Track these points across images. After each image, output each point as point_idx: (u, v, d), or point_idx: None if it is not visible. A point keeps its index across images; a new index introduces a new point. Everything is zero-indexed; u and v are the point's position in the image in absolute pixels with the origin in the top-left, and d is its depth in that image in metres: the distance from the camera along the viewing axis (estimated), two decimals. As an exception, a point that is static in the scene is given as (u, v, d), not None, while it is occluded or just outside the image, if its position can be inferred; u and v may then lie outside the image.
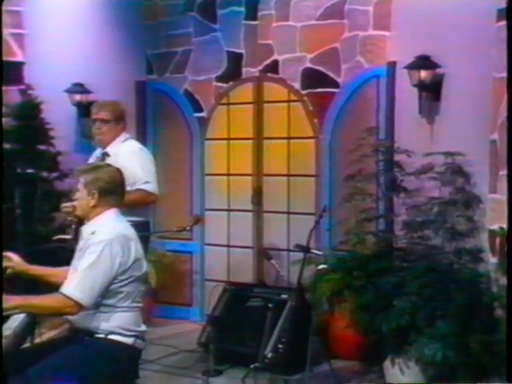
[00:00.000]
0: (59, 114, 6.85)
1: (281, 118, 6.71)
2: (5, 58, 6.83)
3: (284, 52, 6.67)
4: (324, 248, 6.14)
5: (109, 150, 5.06)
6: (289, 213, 6.70)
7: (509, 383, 3.28)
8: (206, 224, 6.95)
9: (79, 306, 3.38)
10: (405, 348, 5.04)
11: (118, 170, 3.80)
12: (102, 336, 3.48)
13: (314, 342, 5.08)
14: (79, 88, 6.97)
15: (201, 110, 7.15)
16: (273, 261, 5.57)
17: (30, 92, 6.69)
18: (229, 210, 6.95)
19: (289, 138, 6.69)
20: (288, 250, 6.54)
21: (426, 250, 5.40)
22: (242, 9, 6.85)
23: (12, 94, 6.83)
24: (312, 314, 5.30)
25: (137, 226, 4.16)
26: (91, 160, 5.15)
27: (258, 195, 6.82)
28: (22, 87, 6.79)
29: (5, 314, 3.42)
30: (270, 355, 4.99)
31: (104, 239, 3.49)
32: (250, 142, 6.87)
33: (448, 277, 4.99)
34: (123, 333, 3.51)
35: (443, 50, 5.58)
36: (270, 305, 5.42)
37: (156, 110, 7.32)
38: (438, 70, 5.65)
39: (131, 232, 3.69)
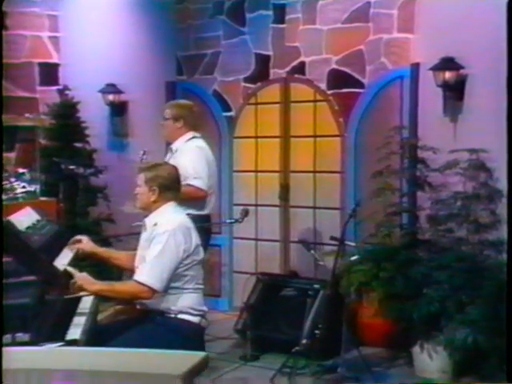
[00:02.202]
0: (93, 114, 7.18)
1: (307, 117, 6.98)
2: (41, 60, 7.20)
3: (311, 54, 6.93)
4: (349, 240, 6.41)
5: (173, 146, 5.45)
6: (315, 208, 6.98)
7: (509, 383, 3.33)
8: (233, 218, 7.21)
9: (153, 291, 3.72)
10: (434, 334, 5.35)
11: (175, 168, 4.18)
12: (172, 315, 3.80)
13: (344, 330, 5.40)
14: (112, 88, 7.29)
15: (229, 110, 7.44)
16: (312, 251, 5.85)
17: (66, 92, 7.00)
18: (256, 205, 7.23)
19: (315, 137, 6.96)
20: (314, 243, 6.81)
21: (451, 241, 5.69)
22: (270, 12, 7.13)
23: (49, 94, 7.16)
24: (345, 303, 5.60)
25: (199, 217, 4.52)
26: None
27: (285, 191, 7.11)
28: (59, 88, 7.11)
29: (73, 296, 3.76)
30: (306, 341, 5.25)
31: (167, 230, 3.83)
32: (277, 140, 7.15)
33: (476, 266, 5.29)
34: (191, 312, 3.84)
35: (466, 52, 5.83)
36: (310, 292, 5.69)
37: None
38: (461, 71, 5.93)
39: (189, 221, 4.04)
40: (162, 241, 3.80)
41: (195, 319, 3.86)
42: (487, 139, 5.60)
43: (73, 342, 3.16)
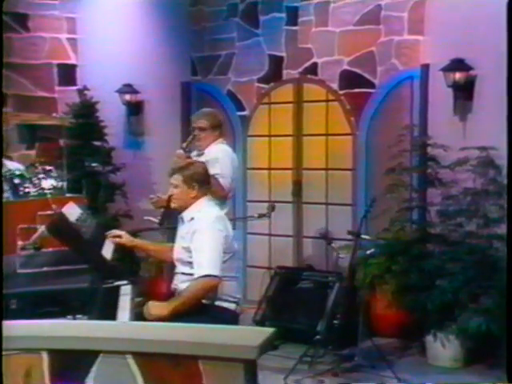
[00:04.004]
0: (110, 113, 7.37)
1: (319, 117, 7.20)
2: (60, 61, 7.39)
3: (323, 55, 7.15)
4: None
5: (205, 150, 5.56)
6: (327, 204, 7.21)
7: (509, 383, 3.38)
8: (247, 214, 7.42)
9: (219, 279, 3.96)
10: (446, 323, 5.60)
11: (204, 164, 4.42)
12: (209, 303, 4.02)
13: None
14: (129, 88, 7.50)
15: (243, 109, 7.67)
16: (333, 245, 6.08)
17: (85, 92, 7.21)
18: (269, 202, 7.38)
19: (327, 135, 7.18)
20: (327, 238, 7.02)
21: (462, 235, 5.92)
22: (283, 15, 7.35)
23: (67, 94, 7.37)
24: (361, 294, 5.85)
25: None
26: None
27: (297, 188, 7.34)
28: (77, 88, 7.32)
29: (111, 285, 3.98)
30: (324, 330, 5.49)
31: (209, 222, 4.10)
32: (290, 138, 7.37)
33: (487, 258, 5.53)
34: (227, 299, 4.07)
35: (474, 53, 6.07)
36: (330, 284, 5.93)
37: (200, 109, 7.78)
38: (470, 72, 6.15)
39: (223, 214, 4.27)
40: (206, 232, 4.04)
41: (231, 306, 4.10)
42: (496, 137, 5.80)
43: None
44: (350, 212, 7.04)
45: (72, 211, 3.82)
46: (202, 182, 4.25)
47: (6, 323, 2.31)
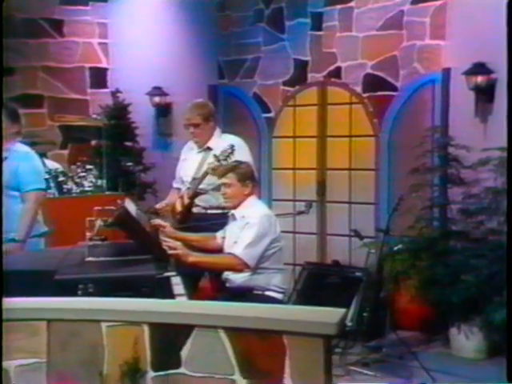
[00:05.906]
0: (140, 115, 7.66)
1: (343, 119, 7.45)
2: (92, 65, 7.67)
3: (347, 59, 7.40)
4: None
5: (209, 144, 5.55)
6: (350, 203, 7.47)
7: (509, 383, 3.46)
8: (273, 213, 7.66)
9: (246, 266, 4.23)
10: (470, 316, 5.85)
11: (250, 163, 4.69)
12: (259, 293, 4.30)
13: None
14: (158, 91, 7.78)
15: (269, 111, 7.93)
16: (364, 241, 6.32)
17: (118, 95, 7.49)
18: (294, 201, 7.70)
19: (350, 136, 7.43)
20: (349, 236, 7.28)
21: (484, 232, 6.16)
22: (308, 20, 7.60)
23: (98, 96, 7.66)
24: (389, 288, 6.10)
25: None
26: (188, 154, 5.74)
27: (321, 187, 7.59)
28: (110, 90, 7.60)
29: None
30: (354, 323, 5.75)
31: (257, 218, 4.43)
32: (314, 139, 7.62)
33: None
34: (276, 289, 4.36)
35: (495, 57, 6.26)
36: (358, 279, 6.18)
37: (227, 111, 8.06)
38: (491, 75, 6.39)
39: (271, 212, 4.55)
40: (254, 227, 4.37)
41: (279, 296, 4.37)
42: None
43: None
44: (372, 211, 7.29)
45: (130, 206, 4.08)
46: (254, 179, 4.54)
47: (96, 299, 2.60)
